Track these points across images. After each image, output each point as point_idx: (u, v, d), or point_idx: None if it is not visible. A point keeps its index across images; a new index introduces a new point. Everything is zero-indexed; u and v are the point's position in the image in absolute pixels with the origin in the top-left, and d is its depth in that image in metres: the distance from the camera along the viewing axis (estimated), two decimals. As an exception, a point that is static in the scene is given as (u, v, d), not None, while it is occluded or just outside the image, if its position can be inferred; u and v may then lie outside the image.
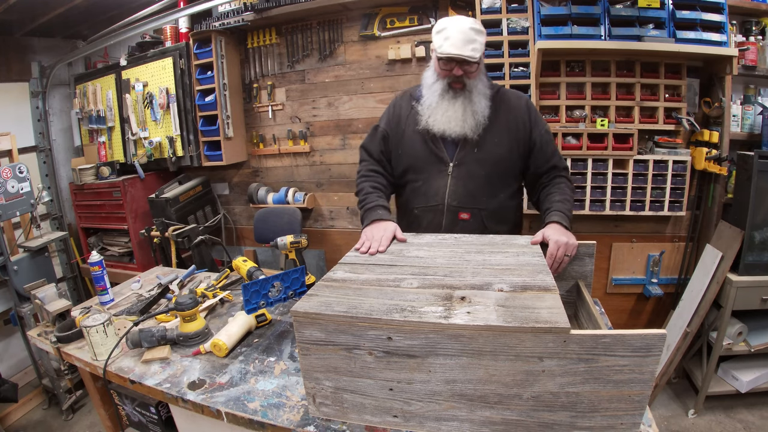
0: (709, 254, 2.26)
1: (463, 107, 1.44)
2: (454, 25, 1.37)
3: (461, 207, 1.49)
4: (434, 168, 1.51)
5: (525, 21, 2.32)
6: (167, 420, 1.33)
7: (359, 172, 1.66)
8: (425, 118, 1.48)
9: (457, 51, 1.35)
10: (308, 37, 2.83)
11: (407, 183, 1.58)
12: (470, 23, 1.38)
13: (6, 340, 2.90)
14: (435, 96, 1.47)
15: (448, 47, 1.36)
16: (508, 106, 1.51)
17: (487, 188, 1.50)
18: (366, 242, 1.28)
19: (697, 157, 2.27)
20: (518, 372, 0.80)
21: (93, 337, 1.25)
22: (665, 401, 2.43)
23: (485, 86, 1.49)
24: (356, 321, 0.84)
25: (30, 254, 2.58)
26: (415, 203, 1.55)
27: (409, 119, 1.55)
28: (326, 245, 3.13)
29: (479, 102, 1.46)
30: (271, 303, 1.34)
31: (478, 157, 1.48)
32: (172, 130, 2.98)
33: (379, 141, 1.63)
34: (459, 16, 1.43)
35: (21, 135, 3.06)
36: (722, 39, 2.17)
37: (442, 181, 1.50)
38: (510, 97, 1.55)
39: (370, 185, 1.58)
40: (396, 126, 1.59)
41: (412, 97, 1.58)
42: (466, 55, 1.35)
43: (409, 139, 1.54)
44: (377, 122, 1.67)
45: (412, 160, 1.55)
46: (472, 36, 1.36)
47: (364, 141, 1.69)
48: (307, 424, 0.95)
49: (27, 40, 3.16)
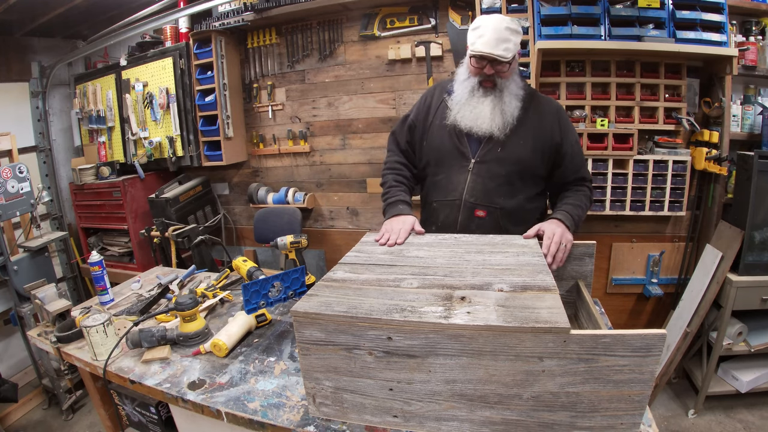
0: (709, 254, 2.26)
1: (492, 105, 1.45)
2: (489, 23, 1.37)
3: (478, 204, 1.49)
4: (456, 163, 1.52)
5: (525, 21, 2.31)
6: (167, 420, 1.33)
7: (386, 162, 1.70)
8: (454, 113, 1.49)
9: (489, 50, 1.35)
10: (308, 37, 2.83)
11: (428, 176, 1.61)
12: (506, 22, 1.38)
13: (6, 340, 2.90)
14: (465, 92, 1.48)
15: (480, 45, 1.37)
16: (539, 110, 1.51)
17: (506, 188, 1.49)
18: (386, 234, 1.34)
19: (697, 157, 2.26)
20: (518, 372, 0.80)
21: (93, 337, 1.25)
22: (665, 401, 2.43)
23: (518, 87, 1.49)
24: (356, 321, 0.84)
25: (30, 254, 2.58)
26: (434, 197, 1.57)
27: (438, 112, 1.56)
28: (326, 245, 3.13)
29: (510, 102, 1.46)
30: (271, 303, 1.34)
31: (500, 156, 1.48)
32: (172, 130, 2.98)
33: (406, 131, 1.65)
34: (496, 15, 1.43)
35: (21, 135, 3.06)
36: (722, 39, 2.17)
37: (461, 177, 1.51)
38: (542, 101, 1.55)
39: (394, 178, 1.62)
40: (425, 117, 1.60)
41: (444, 90, 1.59)
42: (497, 54, 1.36)
43: (435, 131, 1.56)
44: (407, 112, 1.69)
45: (435, 152, 1.56)
46: (506, 35, 1.36)
47: (395, 128, 1.73)
48: (307, 424, 0.95)
49: (27, 40, 3.16)
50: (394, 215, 1.46)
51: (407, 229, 1.37)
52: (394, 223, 1.40)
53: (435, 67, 2.61)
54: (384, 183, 1.63)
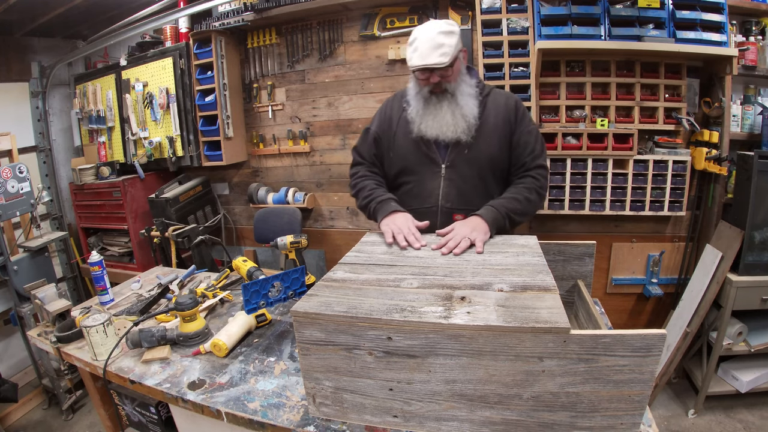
0: (709, 254, 2.26)
1: (451, 111, 1.44)
2: (421, 35, 1.37)
3: (455, 208, 1.49)
4: (427, 170, 1.51)
5: (525, 21, 2.31)
6: (167, 420, 1.33)
7: (355, 174, 1.65)
8: (417, 125, 1.48)
9: (424, 61, 1.36)
10: (308, 37, 2.82)
11: (400, 185, 1.58)
12: (438, 27, 1.37)
13: (6, 340, 2.90)
14: (420, 103, 1.48)
15: (416, 59, 1.37)
16: (496, 106, 1.51)
17: (480, 188, 1.50)
18: (398, 235, 1.28)
19: (697, 157, 2.26)
20: (518, 372, 0.80)
21: (93, 337, 1.25)
22: (665, 401, 2.43)
23: (470, 86, 1.48)
24: (356, 321, 0.84)
25: (30, 254, 2.58)
26: (408, 205, 1.53)
27: (401, 122, 1.55)
28: (326, 245, 3.13)
29: (466, 103, 1.45)
30: (271, 303, 1.34)
31: (469, 157, 1.48)
32: (172, 130, 2.98)
33: (370, 144, 1.63)
34: (429, 23, 1.41)
35: (21, 135, 3.06)
36: (722, 39, 2.17)
37: (435, 183, 1.50)
38: (498, 96, 1.55)
39: (373, 182, 1.59)
40: (387, 129, 1.59)
41: (402, 100, 1.58)
42: (432, 63, 1.35)
43: (401, 142, 1.55)
44: (369, 124, 1.67)
45: (405, 162, 1.55)
46: (439, 40, 1.34)
47: (357, 143, 1.70)
48: (307, 424, 0.95)
49: (27, 40, 3.16)
50: (391, 212, 1.42)
51: (414, 227, 1.33)
52: (399, 222, 1.35)
53: (435, 67, 2.60)
54: (362, 188, 1.57)
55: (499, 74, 2.36)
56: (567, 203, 2.41)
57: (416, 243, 1.25)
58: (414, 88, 1.50)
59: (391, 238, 1.28)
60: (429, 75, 1.41)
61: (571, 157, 2.35)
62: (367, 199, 1.53)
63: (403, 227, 1.31)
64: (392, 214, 1.41)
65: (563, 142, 2.34)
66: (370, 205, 1.52)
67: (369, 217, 1.54)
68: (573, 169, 2.37)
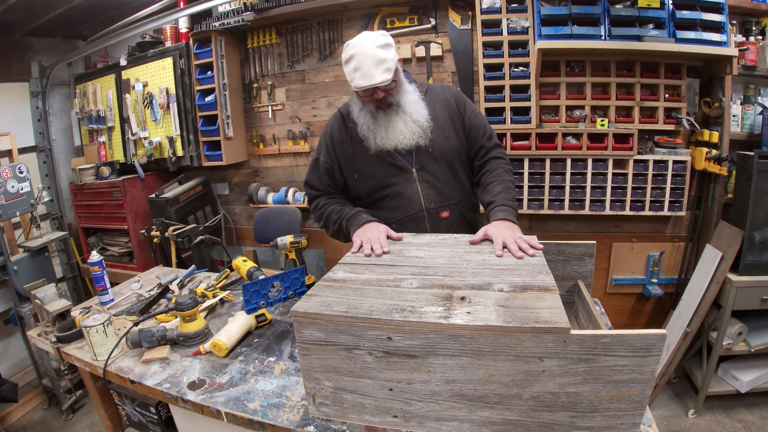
0: (709, 254, 2.26)
1: (402, 120, 1.43)
2: (359, 51, 1.32)
3: (439, 207, 1.50)
4: (400, 179, 1.49)
5: (525, 21, 2.31)
6: (167, 420, 1.33)
7: (317, 206, 1.61)
8: (373, 140, 1.45)
9: (369, 81, 1.32)
10: (308, 37, 2.83)
11: (377, 200, 1.54)
12: (375, 41, 1.33)
13: (6, 340, 2.90)
14: (368, 118, 1.44)
15: (359, 80, 1.33)
16: (440, 101, 1.53)
17: (453, 181, 1.52)
18: (365, 244, 1.26)
19: (697, 157, 2.26)
20: (518, 372, 0.80)
21: (93, 337, 1.25)
22: (665, 401, 2.43)
23: (411, 92, 1.47)
24: (356, 321, 0.84)
25: (30, 254, 2.58)
26: (392, 217, 1.50)
27: (354, 141, 1.50)
28: (326, 245, 3.13)
29: (415, 110, 1.44)
30: (271, 303, 1.34)
31: (435, 155, 1.49)
32: (172, 130, 2.98)
33: (322, 174, 1.58)
34: (362, 37, 1.35)
35: (21, 135, 3.06)
36: (722, 39, 2.17)
37: (412, 189, 1.49)
38: (438, 90, 1.56)
39: (338, 205, 1.55)
40: (341, 153, 1.54)
41: (345, 118, 1.54)
42: (378, 82, 1.32)
43: (362, 161, 1.50)
44: (315, 155, 1.61)
45: (374, 179, 1.51)
46: (380, 56, 1.31)
47: (307, 177, 1.64)
48: (307, 424, 0.95)
49: (27, 40, 3.16)
50: (362, 224, 1.38)
51: (385, 236, 1.30)
52: (368, 232, 1.32)
53: (435, 67, 2.60)
54: (328, 215, 1.54)
55: (499, 74, 2.36)
56: (567, 203, 2.41)
57: (378, 250, 1.22)
58: (357, 105, 1.46)
59: (357, 248, 1.27)
60: (373, 92, 1.37)
61: (571, 157, 2.35)
62: (337, 222, 1.51)
63: (372, 236, 1.28)
64: (363, 225, 1.38)
65: (563, 142, 2.34)
66: (342, 225, 1.49)
67: (345, 239, 1.49)
68: (573, 169, 2.37)
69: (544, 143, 2.37)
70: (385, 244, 1.26)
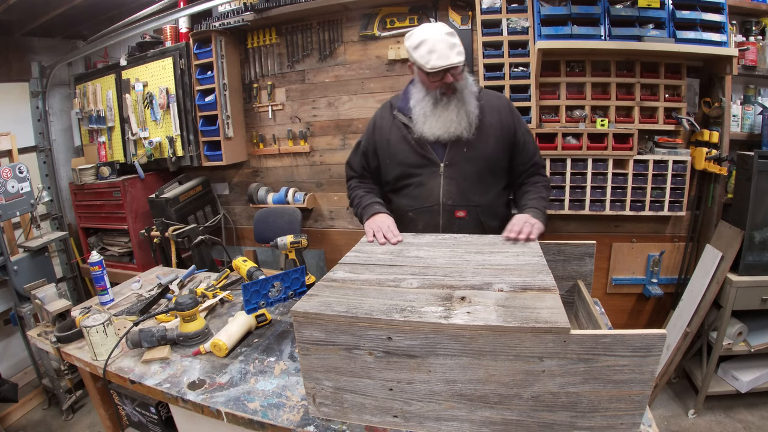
0: (709, 254, 2.26)
1: (457, 109, 1.47)
2: (431, 36, 1.38)
3: (456, 205, 1.52)
4: (426, 170, 1.54)
5: (525, 21, 2.31)
6: (167, 420, 1.33)
7: (349, 186, 1.77)
8: (420, 127, 1.50)
9: (447, 61, 1.37)
10: (308, 37, 2.82)
11: (400, 189, 1.61)
12: (445, 29, 1.41)
13: (6, 340, 2.90)
14: (428, 107, 1.48)
15: (436, 60, 1.37)
16: (491, 106, 1.55)
17: (479, 185, 1.53)
18: (378, 233, 1.35)
19: (697, 157, 2.26)
20: (518, 372, 0.80)
21: (93, 337, 1.25)
22: (665, 401, 2.43)
23: (471, 84, 1.52)
24: (356, 321, 0.84)
25: (30, 254, 2.58)
26: (409, 206, 1.58)
27: (393, 129, 1.59)
28: (326, 245, 3.13)
29: (470, 101, 1.49)
30: (271, 303, 1.34)
31: (468, 155, 1.51)
32: (172, 130, 2.98)
33: (360, 157, 1.71)
34: (430, 25, 1.44)
35: (21, 135, 3.06)
36: (722, 39, 2.17)
37: (435, 182, 1.53)
38: (492, 97, 1.59)
39: (363, 190, 1.67)
40: (380, 138, 1.62)
41: (392, 106, 1.63)
42: (455, 62, 1.37)
43: (396, 147, 1.57)
44: (360, 137, 1.74)
45: (403, 166, 1.57)
46: (451, 40, 1.38)
47: (349, 157, 1.78)
48: (307, 424, 0.95)
49: (27, 40, 3.16)
50: (373, 215, 1.49)
51: (392, 224, 1.41)
52: (379, 222, 1.42)
53: (435, 67, 2.60)
54: (353, 198, 1.69)
55: (499, 74, 2.35)
56: (567, 203, 2.41)
57: (393, 239, 1.32)
58: (420, 92, 1.51)
59: (372, 237, 1.37)
60: (443, 76, 1.42)
61: (571, 157, 2.35)
62: (357, 206, 1.64)
63: (382, 225, 1.38)
64: (374, 215, 1.48)
65: (563, 142, 2.34)
66: (358, 211, 1.62)
67: (360, 222, 1.59)
68: (573, 169, 2.37)
69: (544, 143, 2.37)
70: (397, 233, 1.35)
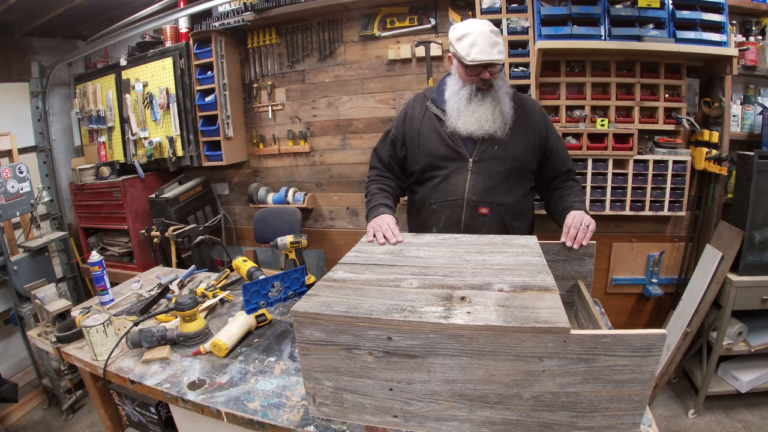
0: (709, 254, 2.26)
1: (492, 107, 1.48)
2: (476, 30, 1.40)
3: (480, 202, 1.53)
4: (454, 164, 1.54)
5: (525, 21, 2.31)
6: (167, 420, 1.33)
7: (368, 177, 1.75)
8: (453, 121, 1.51)
9: (488, 57, 1.38)
10: (308, 37, 2.82)
11: (426, 180, 1.62)
12: (490, 26, 1.42)
13: (6, 340, 2.90)
14: (463, 101, 1.49)
15: (476, 54, 1.39)
16: (523, 109, 1.56)
17: (505, 184, 1.54)
18: (378, 233, 1.35)
19: (697, 157, 2.26)
20: (518, 372, 0.80)
21: (93, 337, 1.25)
22: (665, 401, 2.43)
23: (506, 84, 1.54)
24: (356, 321, 0.84)
25: (30, 254, 2.58)
26: (433, 198, 1.59)
27: (425, 119, 1.59)
28: (326, 245, 3.13)
29: (505, 101, 1.50)
30: (271, 303, 1.34)
31: (497, 154, 1.51)
32: (172, 130, 2.98)
33: (389, 146, 1.69)
34: (475, 20, 1.46)
35: (21, 135, 3.06)
36: (722, 39, 2.17)
37: (461, 176, 1.53)
38: (525, 100, 1.61)
39: (377, 187, 1.67)
40: (410, 128, 1.63)
41: (425, 97, 1.64)
42: (495, 60, 1.39)
43: (426, 138, 1.58)
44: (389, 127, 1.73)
45: (431, 158, 1.58)
46: (495, 39, 1.40)
47: (377, 144, 1.76)
48: (307, 424, 0.95)
49: (27, 40, 3.16)
50: (376, 215, 1.49)
51: (393, 225, 1.40)
52: (380, 222, 1.42)
53: (435, 67, 2.60)
54: (367, 193, 1.69)
55: (499, 74, 2.35)
56: (567, 203, 2.41)
57: (393, 239, 1.33)
58: (456, 85, 1.52)
59: (371, 237, 1.37)
60: (481, 71, 1.43)
61: (571, 158, 2.34)
62: (367, 204, 1.64)
63: (383, 225, 1.39)
64: (378, 216, 1.47)
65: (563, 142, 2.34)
66: (366, 209, 1.63)
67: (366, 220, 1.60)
68: (573, 169, 2.37)
69: (544, 143, 2.37)
70: (397, 233, 1.35)
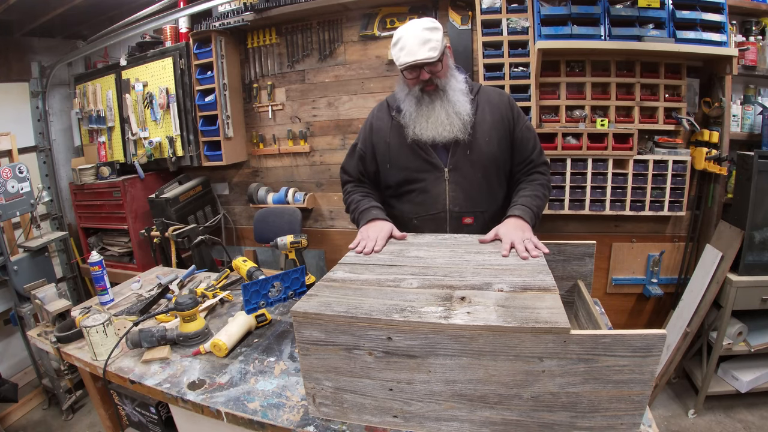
0: (709, 254, 2.26)
1: (444, 110, 1.41)
2: (407, 33, 1.35)
3: (463, 212, 1.46)
4: (430, 176, 1.47)
5: (525, 21, 2.31)
6: (167, 420, 1.33)
7: (345, 191, 1.65)
8: (411, 129, 1.44)
9: (414, 57, 1.33)
10: (308, 37, 2.82)
11: (403, 194, 1.53)
12: (423, 24, 1.35)
13: (6, 340, 2.90)
14: (412, 105, 1.43)
15: (404, 57, 1.34)
16: (491, 104, 1.49)
17: (485, 189, 1.48)
18: (362, 241, 1.28)
19: (697, 157, 2.26)
20: (518, 372, 0.80)
21: (93, 337, 1.25)
22: (665, 401, 2.43)
23: (459, 81, 1.46)
24: (356, 321, 0.84)
25: (30, 254, 2.58)
26: (414, 213, 1.50)
27: (392, 130, 1.50)
28: (326, 245, 3.13)
29: (458, 100, 1.42)
30: (271, 303, 1.34)
31: (471, 159, 1.45)
32: (172, 130, 2.98)
33: (356, 162, 1.60)
34: (412, 22, 1.38)
35: (21, 135, 3.06)
36: (722, 39, 2.17)
37: (440, 188, 1.46)
38: (491, 94, 1.53)
39: (360, 194, 1.58)
40: (378, 141, 1.54)
41: (390, 107, 1.55)
42: (422, 58, 1.32)
43: (397, 150, 1.50)
44: (355, 141, 1.64)
45: (405, 171, 1.50)
46: (426, 36, 1.33)
47: (344, 161, 1.67)
48: (307, 424, 0.95)
49: (27, 40, 3.16)
50: (369, 220, 1.41)
51: (384, 235, 1.31)
52: (370, 230, 1.34)
53: (435, 67, 2.60)
54: (350, 202, 1.57)
55: (499, 74, 2.35)
56: (567, 203, 2.41)
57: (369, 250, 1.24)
58: (403, 91, 1.46)
59: (356, 244, 1.29)
60: (419, 72, 1.37)
61: (571, 157, 2.35)
62: (353, 212, 1.54)
63: (371, 235, 1.31)
64: (369, 222, 1.40)
65: (563, 142, 2.34)
66: (354, 216, 1.53)
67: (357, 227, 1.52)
68: (573, 169, 2.37)
69: (544, 143, 2.34)
70: (379, 244, 1.27)
